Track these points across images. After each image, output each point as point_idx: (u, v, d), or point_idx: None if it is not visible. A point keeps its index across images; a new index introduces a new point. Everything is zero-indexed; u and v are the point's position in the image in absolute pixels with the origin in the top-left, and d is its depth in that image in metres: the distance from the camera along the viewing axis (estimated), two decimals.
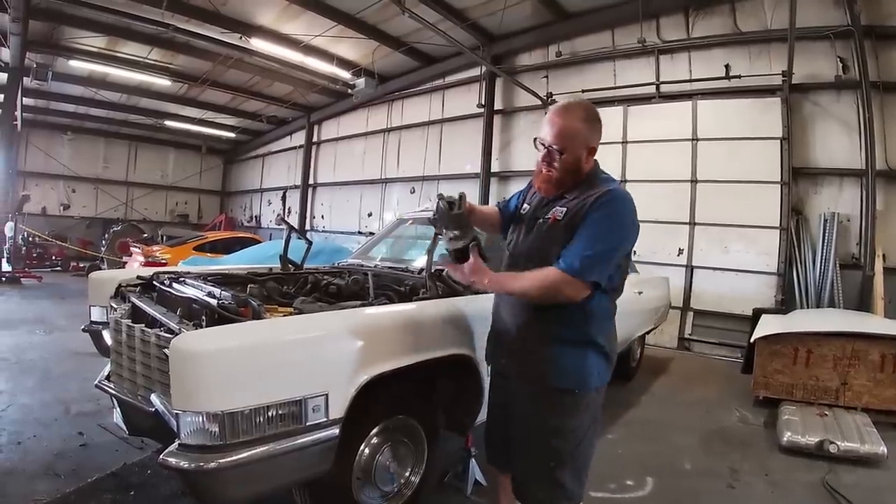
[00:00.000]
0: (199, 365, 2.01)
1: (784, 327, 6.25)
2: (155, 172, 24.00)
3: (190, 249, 12.01)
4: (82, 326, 4.11)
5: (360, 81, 13.63)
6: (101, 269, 15.49)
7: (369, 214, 17.53)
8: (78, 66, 14.52)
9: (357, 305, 3.00)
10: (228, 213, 24.69)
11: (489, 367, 2.62)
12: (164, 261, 11.07)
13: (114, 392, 3.07)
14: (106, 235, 17.87)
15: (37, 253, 16.96)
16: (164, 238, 16.19)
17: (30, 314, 9.43)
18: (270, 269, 4.59)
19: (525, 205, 2.54)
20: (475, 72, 13.75)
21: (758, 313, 7.58)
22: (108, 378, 3.25)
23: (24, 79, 13.86)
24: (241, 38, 11.62)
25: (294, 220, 20.13)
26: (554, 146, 2.22)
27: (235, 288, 3.73)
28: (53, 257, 17.46)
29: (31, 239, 17.09)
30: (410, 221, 5.77)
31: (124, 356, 3.01)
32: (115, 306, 3.52)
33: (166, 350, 2.47)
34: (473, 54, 11.92)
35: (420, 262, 4.15)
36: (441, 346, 2.83)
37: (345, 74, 13.80)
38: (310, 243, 4.61)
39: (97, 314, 3.97)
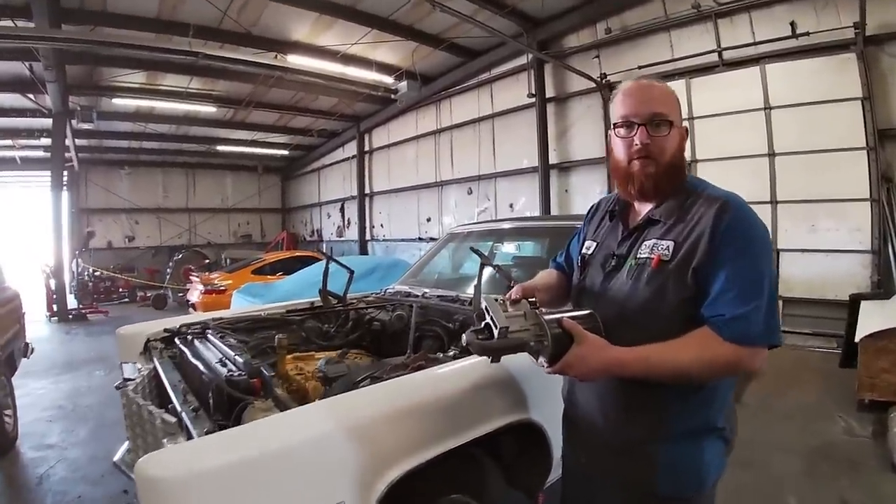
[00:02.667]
0: (169, 495, 1.53)
1: (889, 318, 5.46)
2: (214, 196, 24.53)
3: (249, 273, 11.86)
4: (115, 384, 3.80)
5: (403, 85, 13.31)
6: (167, 298, 15.69)
7: (428, 219, 17.27)
8: (122, 103, 14.91)
9: (397, 369, 2.47)
10: (290, 230, 25.05)
11: (563, 457, 2.01)
12: (222, 288, 10.96)
13: (129, 475, 2.71)
14: (170, 264, 18.10)
15: (104, 287, 17.26)
16: (228, 261, 16.28)
17: (93, 352, 9.47)
18: (312, 303, 4.22)
19: (588, 242, 1.92)
20: (521, 60, 13.13)
21: (856, 300, 6.65)
22: (128, 451, 2.99)
23: (72, 120, 14.22)
24: (276, 56, 11.57)
25: (353, 231, 20.41)
26: (659, 113, 1.61)
27: (261, 341, 3.39)
28: (120, 290, 17.74)
29: (95, 273, 17.41)
30: (465, 233, 5.23)
31: (138, 435, 2.64)
32: (141, 366, 3.23)
33: (165, 440, 2.09)
34: (517, 42, 11.38)
35: (472, 288, 3.67)
36: (493, 418, 2.25)
37: (387, 79, 13.51)
38: (351, 272, 4.19)
39: (129, 371, 3.63)
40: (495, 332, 1.50)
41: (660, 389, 1.55)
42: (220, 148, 20.78)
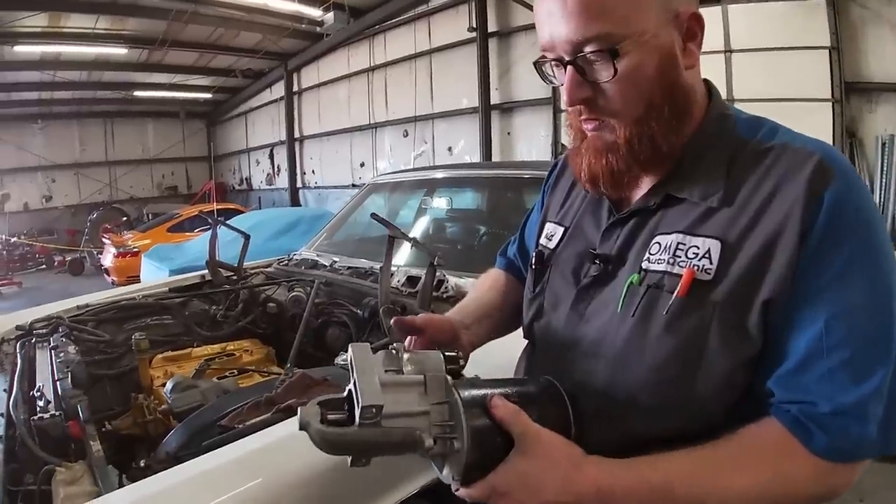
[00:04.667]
0: None
1: None
2: (135, 147, 22.58)
3: (164, 232, 10.93)
4: None
5: (329, 17, 12.34)
6: (83, 262, 14.56)
7: (362, 164, 16.37)
8: (25, 50, 13.66)
9: (259, 409, 1.63)
10: (219, 179, 23.46)
11: None
12: (136, 249, 10.04)
13: None
14: (87, 224, 16.78)
15: (19, 254, 15.95)
16: (150, 216, 15.18)
17: None
18: (202, 276, 3.49)
19: (551, 226, 1.10)
20: None
21: None
22: None
23: None
24: None
25: (284, 179, 19.40)
26: (588, 47, 0.80)
27: (124, 337, 2.63)
28: (37, 256, 16.43)
29: (11, 240, 16.07)
30: (390, 185, 4.43)
31: None
32: None
33: None
34: None
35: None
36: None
37: (312, 12, 12.46)
38: (247, 237, 3.46)
39: None
40: (356, 414, 0.74)
41: None
42: (139, 93, 19.15)
